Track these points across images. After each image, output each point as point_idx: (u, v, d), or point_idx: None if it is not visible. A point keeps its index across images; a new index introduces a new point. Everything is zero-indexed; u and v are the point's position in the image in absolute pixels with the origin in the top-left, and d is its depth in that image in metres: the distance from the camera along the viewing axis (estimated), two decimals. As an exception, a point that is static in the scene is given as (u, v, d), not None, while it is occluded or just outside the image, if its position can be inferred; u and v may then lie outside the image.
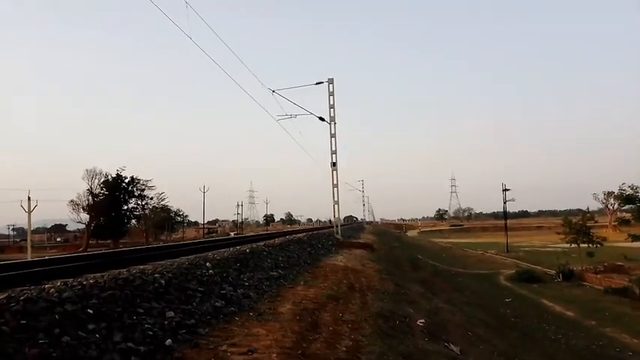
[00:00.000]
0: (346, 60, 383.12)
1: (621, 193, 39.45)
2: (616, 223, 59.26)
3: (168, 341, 5.44)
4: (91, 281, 6.20)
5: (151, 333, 5.46)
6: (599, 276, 37.16)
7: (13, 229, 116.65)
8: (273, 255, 14.45)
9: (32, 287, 5.79)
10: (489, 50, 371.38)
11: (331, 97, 28.61)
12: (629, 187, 37.99)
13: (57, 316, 4.78)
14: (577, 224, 45.20)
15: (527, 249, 69.66)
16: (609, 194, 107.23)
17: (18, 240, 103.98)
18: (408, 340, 9.06)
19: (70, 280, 6.36)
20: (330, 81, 28.58)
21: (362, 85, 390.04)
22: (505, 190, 75.79)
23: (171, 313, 6.29)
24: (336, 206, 30.21)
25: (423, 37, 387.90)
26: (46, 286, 5.77)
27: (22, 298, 4.89)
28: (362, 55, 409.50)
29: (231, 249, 13.60)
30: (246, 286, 9.66)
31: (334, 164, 29.16)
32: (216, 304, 7.58)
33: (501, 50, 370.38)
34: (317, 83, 28.32)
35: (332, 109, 28.74)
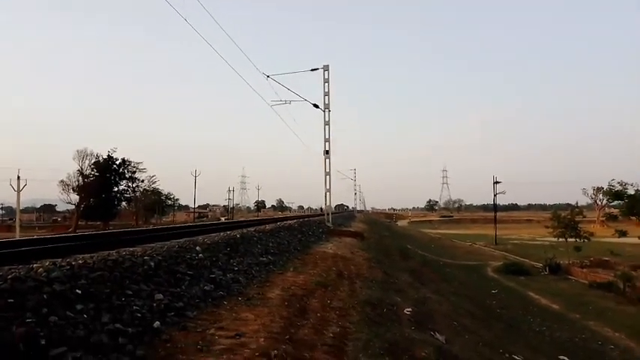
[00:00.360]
0: (340, 50, 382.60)
1: (610, 189, 39.94)
2: (604, 219, 59.87)
3: (157, 323, 5.46)
4: (80, 262, 6.19)
5: (139, 315, 5.47)
6: (585, 270, 37.63)
7: (2, 208, 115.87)
8: (264, 241, 14.48)
9: (20, 266, 5.77)
10: (483, 45, 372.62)
11: (326, 84, 28.45)
12: (618, 183, 38.48)
13: (45, 296, 4.77)
14: (565, 218, 45.65)
15: (515, 242, 70.24)
16: (598, 190, 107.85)
17: (6, 219, 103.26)
18: (395, 329, 9.13)
19: (59, 260, 6.34)
20: (326, 68, 28.40)
21: (355, 74, 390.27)
22: (496, 182, 76.26)
23: (160, 296, 6.30)
24: (327, 194, 30.24)
25: (417, 30, 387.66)
26: (35, 265, 5.76)
27: (10, 276, 4.88)
28: (356, 46, 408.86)
29: (221, 234, 13.61)
30: (236, 270, 9.69)
31: (327, 152, 29.10)
32: (205, 287, 7.61)
33: (495, 46, 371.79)
34: (312, 70, 28.13)
35: (327, 97, 28.60)
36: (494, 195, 77.37)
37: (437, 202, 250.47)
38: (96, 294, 5.42)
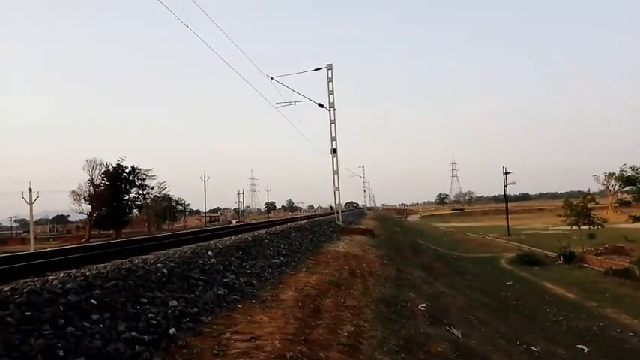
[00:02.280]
0: (344, 46, 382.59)
1: (622, 174, 39.49)
2: (617, 205, 59.25)
3: (172, 330, 5.50)
4: (94, 272, 6.24)
5: (154, 322, 5.51)
6: (600, 257, 37.24)
7: (15, 221, 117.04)
8: (275, 242, 14.50)
9: (36, 279, 5.84)
10: (489, 34, 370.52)
11: (330, 83, 28.41)
12: (630, 168, 38.05)
13: (61, 307, 4.82)
14: (578, 206, 45.19)
15: (528, 232, 69.73)
16: (610, 176, 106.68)
17: (20, 232, 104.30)
18: (410, 325, 9.13)
19: (73, 270, 6.41)
20: (329, 67, 28.36)
21: (361, 70, 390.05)
22: (506, 173, 75.55)
23: (174, 302, 6.34)
24: (336, 193, 30.21)
25: (421, 20, 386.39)
26: (50, 277, 5.81)
27: (25, 289, 4.93)
28: (360, 40, 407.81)
29: (232, 237, 13.64)
30: (249, 273, 9.72)
31: (334, 151, 29.07)
32: (218, 292, 7.64)
33: (500, 35, 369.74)
34: (316, 69, 28.14)
35: (331, 95, 28.57)
36: (505, 186, 76.62)
37: (447, 195, 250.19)
38: (111, 303, 5.47)
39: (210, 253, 9.76)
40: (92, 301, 5.27)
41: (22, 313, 4.42)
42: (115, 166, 68.22)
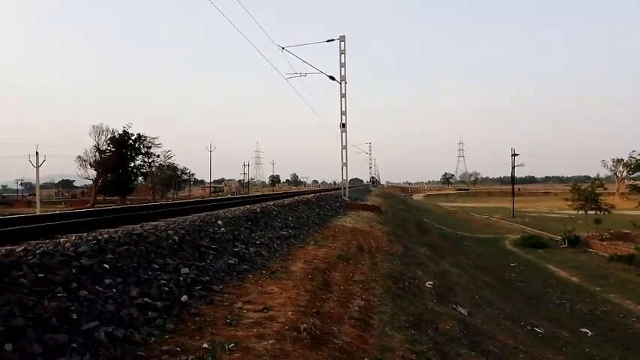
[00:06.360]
0: (357, 20, 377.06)
1: (630, 160, 39.16)
2: (626, 191, 58.74)
3: (184, 297, 5.45)
4: (106, 236, 6.16)
5: (166, 289, 5.45)
6: (605, 243, 37.13)
7: (21, 184, 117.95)
8: (283, 215, 14.45)
9: (47, 241, 5.76)
10: (499, 10, 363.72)
11: (342, 55, 27.89)
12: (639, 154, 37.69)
13: (74, 270, 4.74)
14: (586, 191, 44.81)
15: (533, 214, 69.45)
16: (618, 161, 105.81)
17: (26, 194, 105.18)
18: (418, 302, 9.12)
19: (85, 234, 6.33)
20: (342, 38, 27.81)
21: (371, 45, 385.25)
22: (514, 154, 74.88)
23: (185, 270, 6.28)
24: (344, 168, 30.07)
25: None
26: (62, 240, 5.74)
27: (38, 251, 4.85)
28: (372, 15, 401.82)
29: (241, 208, 13.60)
30: (258, 244, 9.68)
31: (344, 125, 28.77)
32: (229, 261, 7.59)
33: (512, 10, 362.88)
34: (328, 41, 27.58)
35: (343, 68, 28.09)
36: (513, 167, 76.10)
37: (453, 175, 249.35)
38: (123, 268, 5.40)
39: (220, 222, 9.69)
40: (105, 265, 5.20)
41: (35, 275, 4.34)
42: (120, 132, 68.09)
